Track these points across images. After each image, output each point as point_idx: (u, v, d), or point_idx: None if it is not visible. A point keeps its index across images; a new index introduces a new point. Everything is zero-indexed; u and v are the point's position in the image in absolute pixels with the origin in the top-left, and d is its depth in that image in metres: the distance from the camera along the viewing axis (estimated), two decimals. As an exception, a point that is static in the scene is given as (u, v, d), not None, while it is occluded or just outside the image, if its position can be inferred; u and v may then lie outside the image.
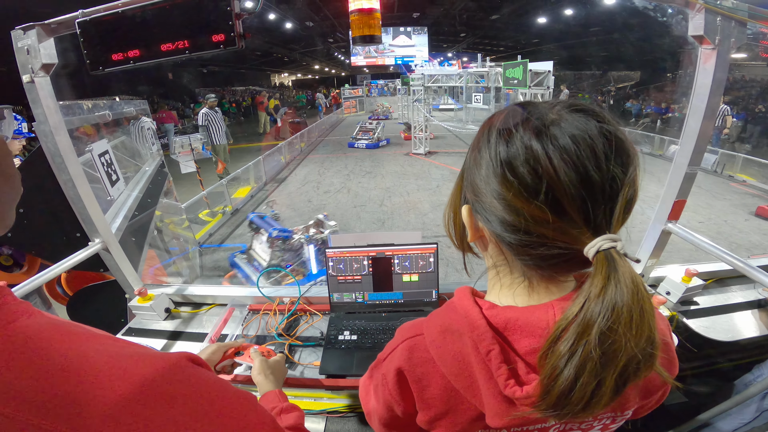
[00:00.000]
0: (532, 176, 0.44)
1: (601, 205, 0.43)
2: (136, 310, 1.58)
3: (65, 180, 1.31)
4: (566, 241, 0.45)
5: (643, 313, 0.41)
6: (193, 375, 0.44)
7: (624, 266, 0.42)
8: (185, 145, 5.31)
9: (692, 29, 1.19)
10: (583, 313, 0.42)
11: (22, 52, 1.15)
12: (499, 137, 0.47)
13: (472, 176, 0.52)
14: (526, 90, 7.19)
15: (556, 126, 0.44)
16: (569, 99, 0.48)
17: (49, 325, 0.40)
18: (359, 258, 1.49)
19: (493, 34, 24.97)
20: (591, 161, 0.42)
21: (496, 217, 0.48)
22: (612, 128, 0.44)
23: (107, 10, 1.05)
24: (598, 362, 0.40)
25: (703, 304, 1.55)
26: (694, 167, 1.39)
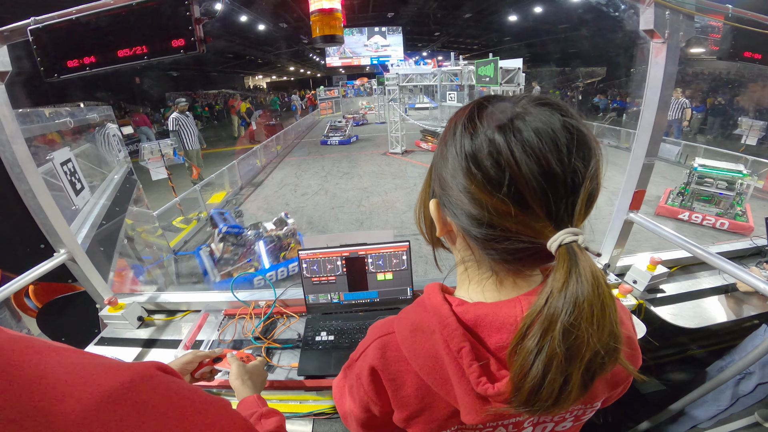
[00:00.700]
0: (495, 169, 0.44)
1: (563, 199, 0.44)
2: (108, 320, 1.55)
3: (25, 190, 1.27)
4: (529, 235, 0.45)
5: (605, 308, 0.41)
6: (162, 383, 0.43)
7: (585, 260, 0.42)
8: (155, 151, 5.16)
9: (643, 23, 1.24)
10: (546, 308, 0.42)
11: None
12: (464, 131, 0.48)
13: (440, 170, 0.52)
14: (497, 87, 7.31)
15: (520, 119, 0.44)
16: (534, 94, 0.48)
17: (8, 340, 0.39)
18: (333, 259, 1.50)
19: (467, 33, 25.30)
20: (553, 154, 0.42)
21: (463, 211, 0.49)
22: (575, 122, 0.45)
23: (60, 17, 1.03)
24: (563, 358, 0.41)
25: (669, 292, 1.60)
26: (651, 158, 1.44)
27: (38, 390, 0.36)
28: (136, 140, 10.18)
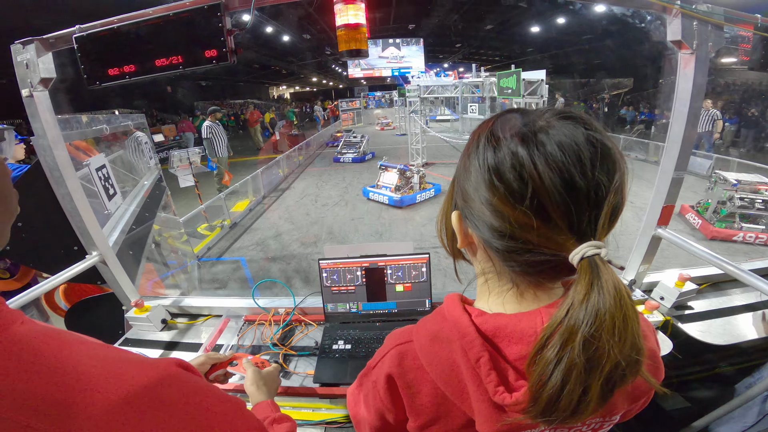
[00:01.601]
0: (518, 182, 0.44)
1: (585, 212, 0.44)
2: (133, 321, 1.59)
3: (63, 194, 1.33)
4: (551, 248, 0.45)
5: (627, 320, 0.41)
6: (183, 380, 0.45)
7: (607, 273, 0.42)
8: (183, 159, 5.33)
9: (670, 34, 1.22)
10: (567, 320, 0.42)
11: (21, 66, 1.17)
12: (488, 144, 0.48)
13: (462, 182, 0.53)
14: (520, 99, 7.26)
15: (544, 133, 0.44)
16: (560, 107, 0.49)
17: (40, 332, 0.41)
18: (353, 269, 1.51)
19: (488, 44, 25.26)
20: (576, 168, 0.42)
21: (485, 223, 0.49)
22: (599, 135, 0.45)
23: (103, 26, 1.08)
24: (583, 369, 0.41)
25: (697, 309, 1.55)
26: (680, 172, 1.40)
27: (65, 380, 0.38)
28: (166, 147, 10.55)
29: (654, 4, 1.24)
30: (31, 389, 0.36)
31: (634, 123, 15.20)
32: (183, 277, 3.80)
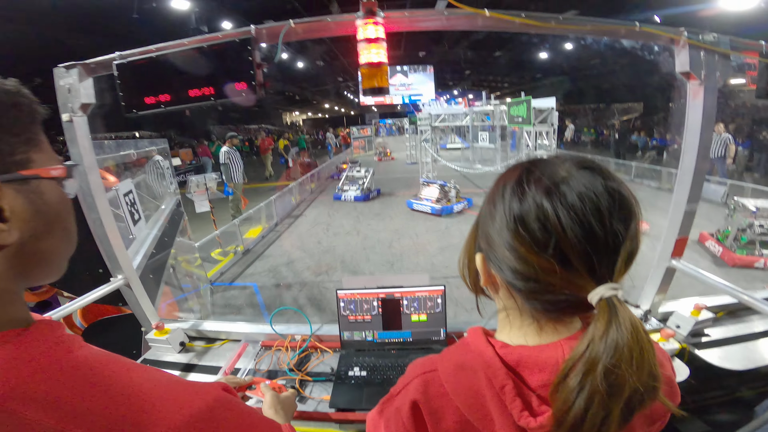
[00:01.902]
0: (542, 232, 0.48)
1: (604, 258, 0.48)
2: (152, 343, 1.62)
3: (94, 218, 1.37)
4: (571, 290, 0.49)
5: (643, 352, 0.45)
6: (232, 403, 0.48)
7: (624, 311, 0.46)
8: (201, 184, 5.45)
9: (679, 66, 1.24)
10: (588, 352, 0.46)
11: (64, 90, 1.20)
12: (513, 194, 0.52)
13: (487, 228, 0.57)
14: (530, 128, 7.33)
15: (565, 184, 0.49)
16: (577, 155, 0.53)
17: (101, 355, 0.44)
18: (369, 299, 1.54)
19: (497, 71, 25.63)
20: (596, 218, 0.47)
21: (508, 267, 0.53)
22: (616, 185, 0.49)
23: (142, 54, 1.13)
24: (605, 395, 0.44)
25: (714, 336, 1.54)
26: (693, 204, 1.40)
27: (131, 404, 0.40)
28: (182, 171, 10.76)
29: (662, 37, 1.28)
30: (103, 410, 0.38)
31: (645, 149, 15.08)
32: (196, 301, 3.83)
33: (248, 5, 11.04)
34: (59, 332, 0.43)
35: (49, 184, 0.45)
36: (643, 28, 1.26)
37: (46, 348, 0.40)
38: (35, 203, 0.43)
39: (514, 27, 1.22)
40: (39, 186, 0.43)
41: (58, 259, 0.48)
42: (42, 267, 0.46)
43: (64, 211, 0.47)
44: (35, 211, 0.42)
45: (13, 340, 0.39)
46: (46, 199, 0.44)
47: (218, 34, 1.12)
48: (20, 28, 7.97)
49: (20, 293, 0.44)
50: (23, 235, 0.41)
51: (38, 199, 0.43)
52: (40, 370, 0.38)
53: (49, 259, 0.46)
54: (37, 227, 0.43)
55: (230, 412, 0.46)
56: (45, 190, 0.44)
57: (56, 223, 0.46)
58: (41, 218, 0.43)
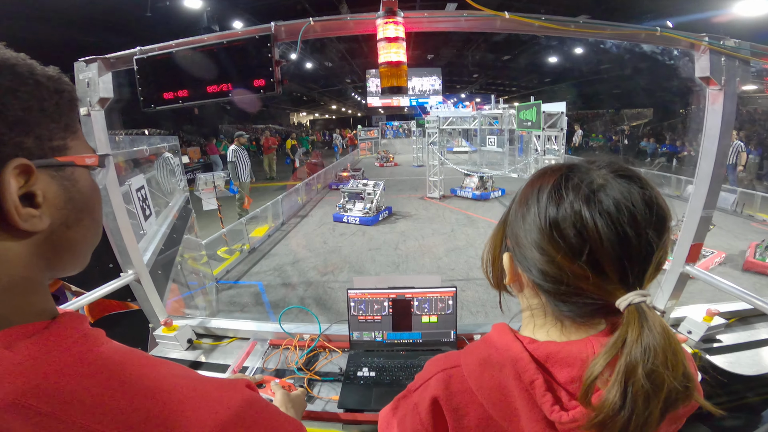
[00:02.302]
0: (578, 239, 0.48)
1: (635, 266, 0.48)
2: (160, 339, 1.62)
3: (107, 212, 1.37)
4: (600, 295, 0.50)
5: (676, 353, 0.46)
6: (259, 402, 0.47)
7: (654, 316, 0.47)
8: (209, 182, 5.48)
9: (699, 71, 1.24)
10: (624, 357, 0.46)
11: (83, 84, 1.21)
12: (550, 199, 0.52)
13: (516, 229, 0.57)
14: (540, 132, 7.30)
15: (602, 191, 0.49)
16: (614, 162, 0.53)
17: (126, 351, 0.43)
18: (380, 299, 1.54)
19: (506, 75, 25.55)
20: (632, 227, 0.47)
21: (537, 268, 0.53)
22: (653, 194, 0.50)
23: (162, 49, 1.13)
24: (650, 394, 0.45)
25: (726, 342, 1.54)
26: (708, 210, 1.40)
27: (163, 401, 0.39)
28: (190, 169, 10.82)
29: (682, 41, 1.27)
30: (132, 407, 0.37)
31: (654, 155, 14.95)
32: (202, 298, 3.84)
33: (259, 5, 11.12)
34: (85, 326, 0.43)
35: (83, 173, 0.45)
36: (665, 33, 1.25)
37: (72, 342, 0.40)
38: (68, 191, 0.42)
39: (532, 29, 1.21)
40: (73, 173, 0.43)
41: (84, 249, 0.47)
42: (68, 257, 0.45)
43: (94, 201, 0.47)
44: (68, 199, 0.42)
45: (39, 333, 0.38)
46: (79, 187, 0.44)
47: (237, 30, 1.11)
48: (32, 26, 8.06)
49: (45, 284, 0.44)
50: (54, 223, 0.41)
51: (72, 186, 0.43)
52: (67, 366, 0.37)
53: (76, 249, 0.46)
54: (69, 215, 0.42)
55: (259, 411, 0.46)
56: (78, 178, 0.44)
57: (86, 212, 0.45)
58: (73, 206, 0.43)
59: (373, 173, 13.84)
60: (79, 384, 0.37)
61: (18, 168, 0.36)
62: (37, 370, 0.36)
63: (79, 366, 0.38)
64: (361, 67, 23.51)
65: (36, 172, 0.38)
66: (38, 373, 0.36)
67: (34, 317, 0.40)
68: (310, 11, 11.59)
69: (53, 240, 0.42)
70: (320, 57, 20.44)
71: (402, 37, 1.09)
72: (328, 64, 22.02)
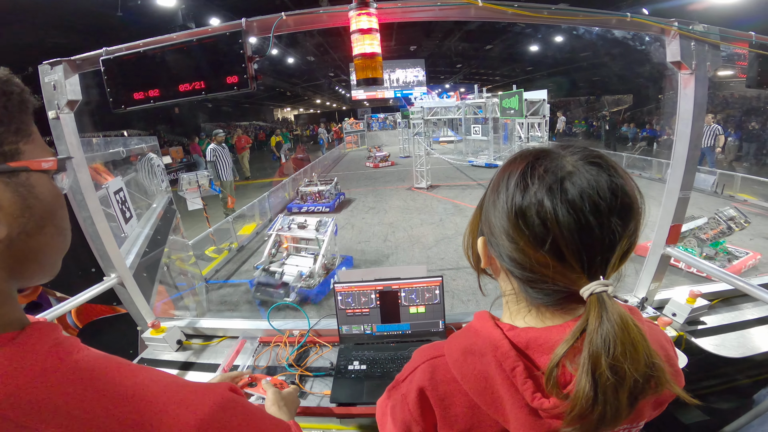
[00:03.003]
0: (541, 228, 0.49)
1: (598, 256, 0.49)
2: (149, 342, 1.60)
3: (85, 217, 1.35)
4: (564, 283, 0.50)
5: (635, 345, 0.46)
6: (239, 404, 0.47)
7: (613, 306, 0.47)
8: (192, 182, 5.40)
9: (670, 56, 1.26)
10: (587, 347, 0.47)
11: (49, 87, 1.18)
12: (516, 187, 0.52)
13: (489, 215, 0.58)
14: (522, 120, 7.37)
15: (569, 179, 0.49)
16: (587, 148, 0.54)
17: (102, 358, 0.43)
18: (367, 292, 1.54)
19: (489, 64, 25.65)
20: (594, 215, 0.47)
21: (507, 255, 0.54)
22: (620, 182, 0.50)
23: (129, 49, 1.10)
24: (615, 385, 0.46)
25: (710, 323, 1.56)
26: (686, 191, 1.43)
27: (138, 408, 0.39)
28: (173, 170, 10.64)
29: (652, 27, 1.29)
30: (111, 415, 0.37)
31: (636, 140, 15.21)
32: (192, 299, 3.80)
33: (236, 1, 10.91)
34: (56, 334, 0.42)
35: (40, 178, 0.43)
36: (634, 18, 1.27)
37: (44, 351, 0.39)
38: (25, 198, 0.41)
39: (506, 17, 1.21)
40: (29, 179, 0.41)
41: (51, 257, 0.46)
42: (34, 266, 0.44)
43: (56, 207, 0.45)
44: (25, 206, 0.40)
45: (8, 344, 0.38)
46: (36, 194, 0.42)
47: (208, 27, 1.10)
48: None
49: (13, 294, 0.42)
50: (12, 232, 0.39)
51: (28, 193, 0.41)
52: (39, 376, 0.37)
53: (42, 258, 0.44)
54: (28, 223, 0.41)
55: (238, 413, 0.45)
56: (35, 184, 0.42)
57: (48, 219, 0.44)
58: (31, 214, 0.41)
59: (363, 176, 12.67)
60: (53, 394, 0.36)
61: None
62: (8, 381, 0.35)
63: (53, 375, 0.37)
64: (344, 61, 23.36)
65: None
66: (10, 384, 0.35)
67: (1, 329, 0.39)
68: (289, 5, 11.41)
69: (14, 249, 0.40)
70: (302, 51, 20.26)
71: (376, 29, 1.08)
72: (311, 58, 21.79)
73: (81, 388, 0.38)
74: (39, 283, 0.46)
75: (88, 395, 0.38)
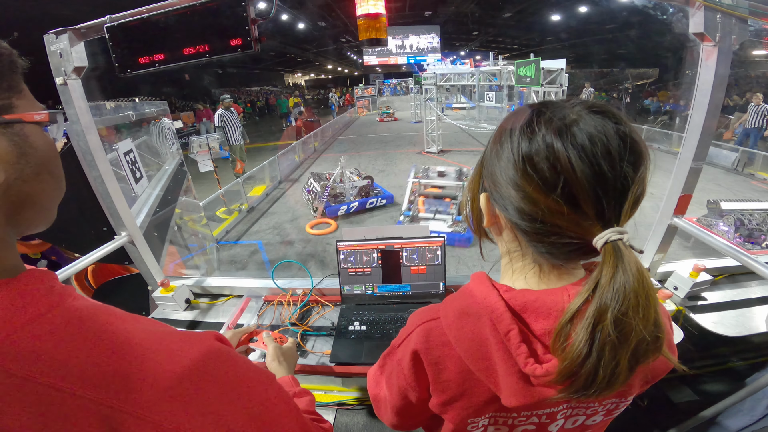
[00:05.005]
0: (551, 172, 0.47)
1: (611, 201, 0.47)
2: (159, 301, 1.67)
3: (95, 176, 1.39)
4: (577, 232, 0.48)
5: (649, 299, 0.44)
6: (225, 354, 0.48)
7: (630, 256, 0.46)
8: (203, 144, 5.46)
9: (693, 27, 1.20)
10: (596, 300, 0.45)
11: (55, 55, 1.21)
12: (522, 134, 0.50)
13: (492, 167, 0.55)
14: (539, 88, 7.13)
15: (575, 125, 0.47)
16: (588, 100, 0.51)
17: (95, 306, 0.44)
18: (369, 251, 1.54)
19: (506, 33, 24.70)
20: (605, 160, 0.45)
21: (513, 206, 0.52)
22: (627, 129, 0.48)
23: (133, 16, 1.11)
24: (616, 344, 0.44)
25: (711, 300, 1.54)
26: (698, 162, 1.39)
27: (128, 355, 0.40)
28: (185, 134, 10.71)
29: (676, -4, 1.23)
30: (95, 363, 0.38)
31: (657, 114, 14.70)
32: (203, 260, 3.91)
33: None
34: (52, 281, 0.44)
35: (34, 129, 0.45)
36: (657, -14, 1.20)
37: (36, 297, 0.41)
38: (20, 146, 0.43)
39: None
40: (23, 129, 0.44)
41: (46, 203, 0.48)
42: (30, 212, 0.46)
43: (50, 155, 0.48)
44: (20, 154, 0.43)
45: (3, 289, 0.39)
46: (30, 142, 0.44)
47: (210, -9, 1.07)
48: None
49: (10, 241, 0.44)
50: (9, 177, 0.41)
51: (23, 142, 0.43)
52: (31, 322, 0.38)
53: (37, 204, 0.46)
54: (24, 170, 0.43)
55: (221, 361, 0.46)
56: (29, 134, 0.44)
57: (42, 166, 0.46)
58: (27, 161, 0.44)
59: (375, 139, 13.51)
60: (41, 341, 0.38)
61: None
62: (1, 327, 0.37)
63: (42, 322, 0.39)
64: (356, 26, 22.59)
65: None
66: (2, 331, 0.36)
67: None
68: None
69: (11, 195, 0.42)
70: (313, 17, 19.74)
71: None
72: (322, 23, 21.20)
73: (71, 335, 0.39)
74: (36, 230, 0.48)
75: (78, 343, 0.39)
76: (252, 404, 0.46)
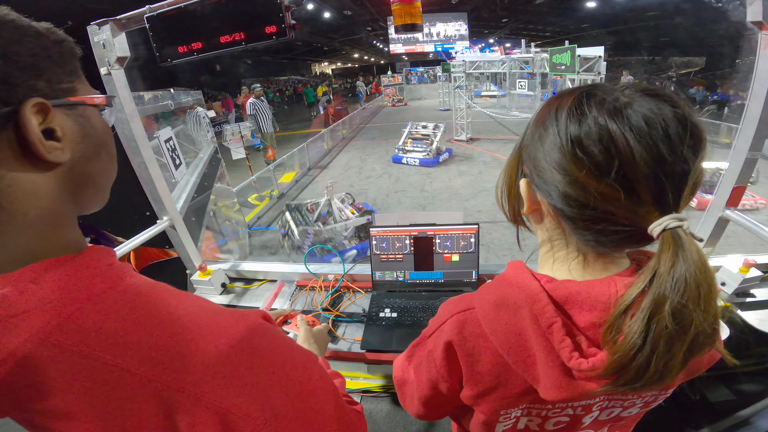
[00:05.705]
0: (605, 155, 0.44)
1: (671, 186, 0.44)
2: (197, 284, 1.72)
3: (139, 162, 1.44)
4: (631, 219, 0.45)
5: (711, 289, 0.42)
6: (270, 331, 0.49)
7: (691, 244, 0.42)
8: (236, 132, 5.63)
9: (750, 15, 1.13)
10: (654, 290, 0.42)
11: (99, 46, 1.25)
12: (570, 116, 0.47)
13: (534, 152, 0.52)
14: (574, 76, 6.87)
15: (629, 108, 0.44)
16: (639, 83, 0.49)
17: (152, 284, 0.46)
18: (401, 237, 1.54)
19: (538, 20, 23.80)
20: (665, 143, 0.42)
21: (558, 192, 0.49)
22: (686, 112, 0.45)
23: (170, 5, 1.13)
24: (673, 336, 0.41)
25: (760, 297, 1.46)
26: (754, 153, 1.32)
27: (180, 332, 0.42)
28: (218, 123, 11.03)
29: (735, -17, 1.15)
30: (150, 340, 0.39)
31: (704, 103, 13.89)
32: (236, 245, 4.03)
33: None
34: (111, 258, 0.45)
35: (93, 111, 0.48)
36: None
37: (98, 274, 0.42)
38: (83, 127, 0.46)
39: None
40: (85, 111, 0.46)
41: (103, 182, 0.51)
42: (90, 190, 0.48)
43: (107, 136, 0.50)
44: (84, 134, 0.45)
45: (64, 265, 0.40)
46: (92, 123, 0.47)
47: (245, -21, 1.08)
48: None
49: (74, 218, 0.47)
50: (74, 156, 0.44)
51: (86, 123, 0.46)
52: (92, 299, 0.40)
53: (97, 182, 0.49)
54: (87, 149, 0.46)
55: (267, 339, 0.47)
56: (90, 116, 0.47)
57: (101, 146, 0.49)
58: (89, 141, 0.46)
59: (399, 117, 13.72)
60: (103, 318, 0.39)
61: (36, 106, 0.39)
62: (63, 305, 0.38)
63: (104, 299, 0.40)
64: (382, 15, 22.64)
65: (52, 110, 0.41)
66: (64, 308, 0.38)
67: (61, 250, 0.42)
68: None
69: (75, 173, 0.45)
70: (339, 6, 19.90)
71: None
72: (348, 12, 21.17)
73: (129, 312, 0.40)
74: (93, 210, 0.51)
75: (135, 320, 0.40)
76: (294, 384, 0.46)
